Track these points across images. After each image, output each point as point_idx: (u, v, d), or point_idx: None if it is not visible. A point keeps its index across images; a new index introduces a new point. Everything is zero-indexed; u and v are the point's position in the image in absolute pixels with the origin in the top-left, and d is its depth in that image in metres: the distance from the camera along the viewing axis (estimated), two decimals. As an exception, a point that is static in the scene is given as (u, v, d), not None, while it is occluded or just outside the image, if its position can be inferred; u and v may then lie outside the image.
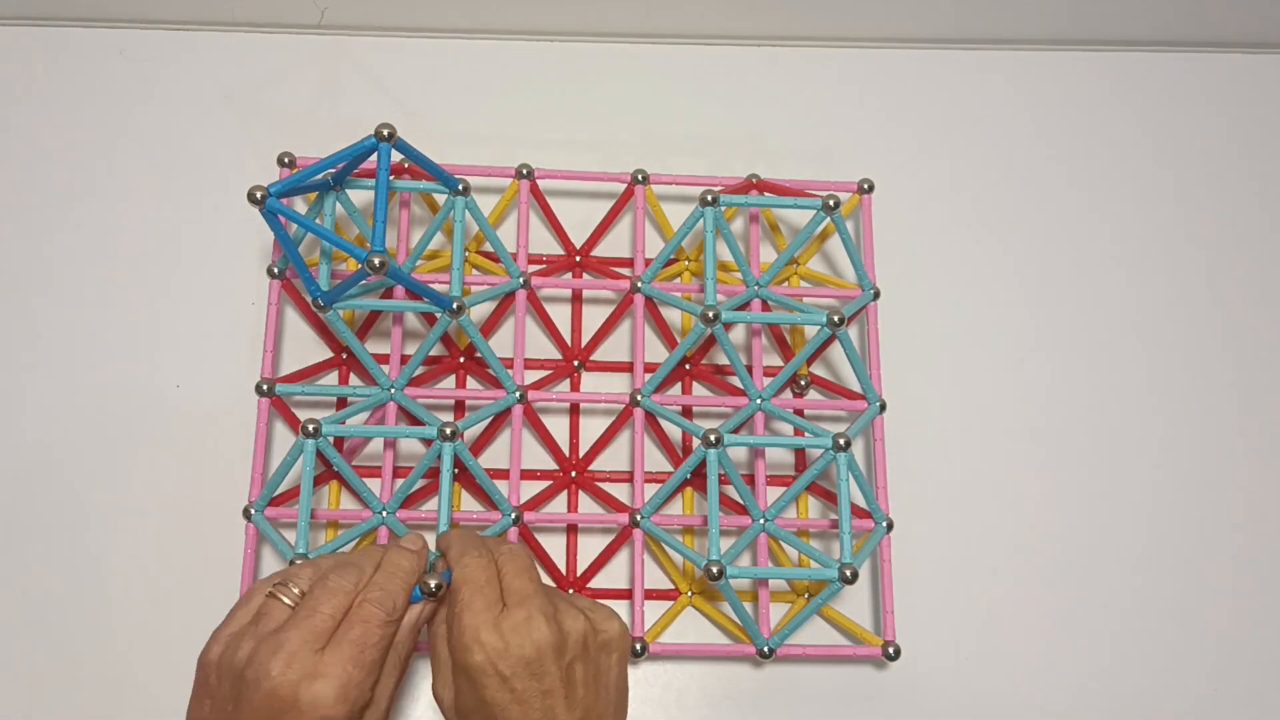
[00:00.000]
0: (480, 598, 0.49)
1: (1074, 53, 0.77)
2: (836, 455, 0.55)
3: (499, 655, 0.47)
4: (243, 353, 0.65)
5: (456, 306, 0.56)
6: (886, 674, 0.62)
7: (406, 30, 0.74)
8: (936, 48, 0.76)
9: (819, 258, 0.70)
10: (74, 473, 0.63)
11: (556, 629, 0.48)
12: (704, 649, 0.61)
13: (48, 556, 0.61)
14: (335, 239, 0.52)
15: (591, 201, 0.69)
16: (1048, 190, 0.73)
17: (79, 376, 0.65)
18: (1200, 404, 0.69)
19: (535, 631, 0.48)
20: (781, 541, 0.59)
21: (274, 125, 0.71)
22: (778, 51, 0.76)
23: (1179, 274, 0.72)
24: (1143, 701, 0.63)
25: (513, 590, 0.49)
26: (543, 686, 0.47)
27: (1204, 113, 0.76)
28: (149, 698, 0.59)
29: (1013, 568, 0.65)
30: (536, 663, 0.48)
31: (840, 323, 0.57)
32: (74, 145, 0.70)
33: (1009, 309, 0.70)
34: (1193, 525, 0.67)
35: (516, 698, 0.47)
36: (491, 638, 0.48)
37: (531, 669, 0.47)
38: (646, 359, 0.65)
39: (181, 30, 0.73)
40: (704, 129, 0.73)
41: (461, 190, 0.60)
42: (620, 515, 0.61)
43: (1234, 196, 0.74)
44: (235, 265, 0.67)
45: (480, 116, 0.72)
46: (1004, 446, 0.67)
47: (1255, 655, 0.64)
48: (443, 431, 0.55)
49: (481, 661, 0.47)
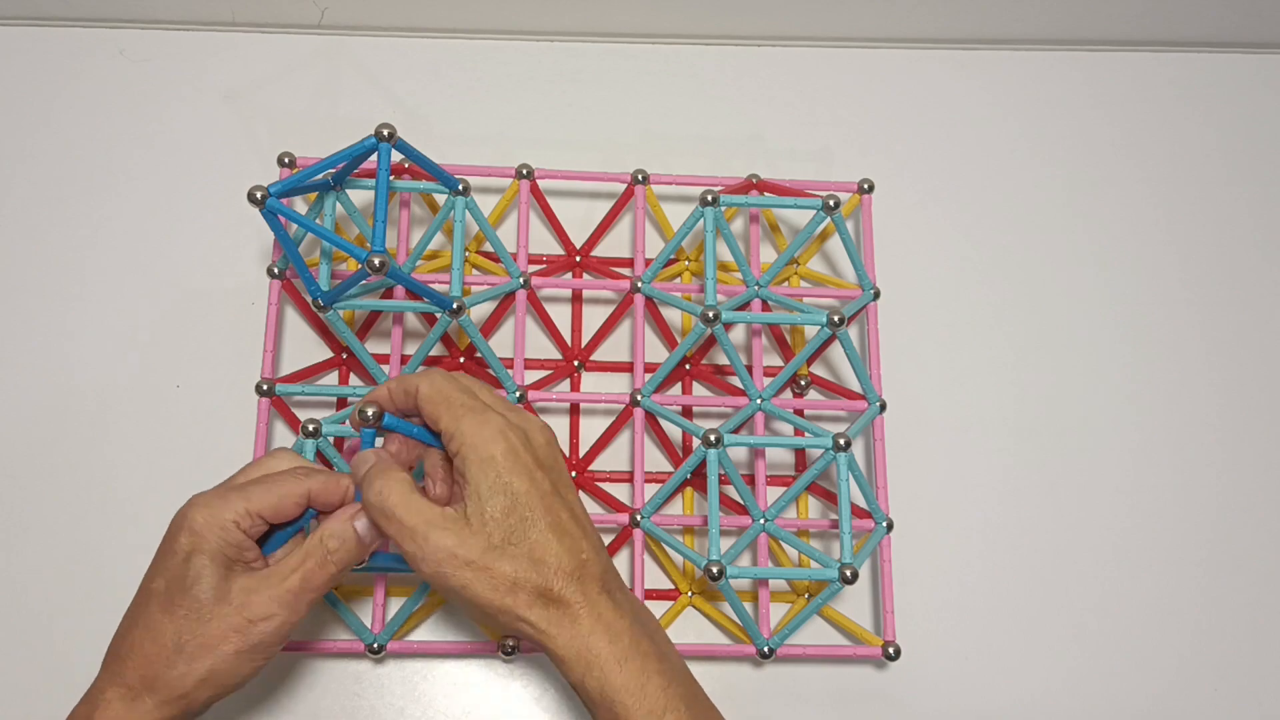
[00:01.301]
0: (468, 406, 0.47)
1: (1074, 53, 0.77)
2: (836, 455, 0.55)
3: (521, 444, 0.47)
4: (243, 353, 0.65)
5: (456, 306, 0.56)
6: (886, 674, 0.62)
7: (406, 30, 0.74)
8: (936, 48, 0.76)
9: (819, 258, 0.70)
10: (74, 473, 0.63)
11: (542, 423, 0.50)
12: (704, 649, 0.61)
13: (47, 556, 0.61)
14: (335, 239, 0.52)
15: (591, 201, 0.69)
16: (1048, 190, 0.73)
17: (79, 376, 0.65)
18: (1203, 404, 0.69)
19: (536, 422, 0.49)
20: (781, 541, 0.59)
21: (274, 125, 0.71)
22: (778, 51, 0.76)
23: (1179, 274, 0.72)
24: (1142, 702, 0.63)
25: (489, 402, 0.49)
26: (557, 475, 0.48)
27: (1207, 113, 0.76)
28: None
29: (1013, 568, 0.65)
30: (552, 451, 0.49)
31: (840, 323, 0.57)
32: (74, 145, 0.70)
33: (1009, 309, 0.70)
34: (1193, 525, 0.67)
35: (546, 488, 0.47)
36: (501, 426, 0.47)
37: (551, 457, 0.48)
38: (646, 359, 0.65)
39: (181, 30, 0.73)
40: (704, 129, 0.73)
41: (461, 190, 0.60)
42: (620, 515, 0.61)
43: (1235, 196, 0.74)
44: (235, 265, 0.67)
45: (480, 116, 0.72)
46: (1004, 446, 0.67)
47: (1255, 655, 0.64)
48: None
49: (505, 449, 0.46)
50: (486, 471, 0.46)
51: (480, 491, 0.46)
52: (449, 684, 0.60)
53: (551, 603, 0.46)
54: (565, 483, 0.49)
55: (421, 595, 0.57)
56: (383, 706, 0.59)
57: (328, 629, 0.60)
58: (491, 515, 0.46)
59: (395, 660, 0.60)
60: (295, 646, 0.58)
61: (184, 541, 0.47)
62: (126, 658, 0.47)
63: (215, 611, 0.47)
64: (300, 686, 0.60)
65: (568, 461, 0.64)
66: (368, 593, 0.60)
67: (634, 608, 0.48)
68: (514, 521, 0.46)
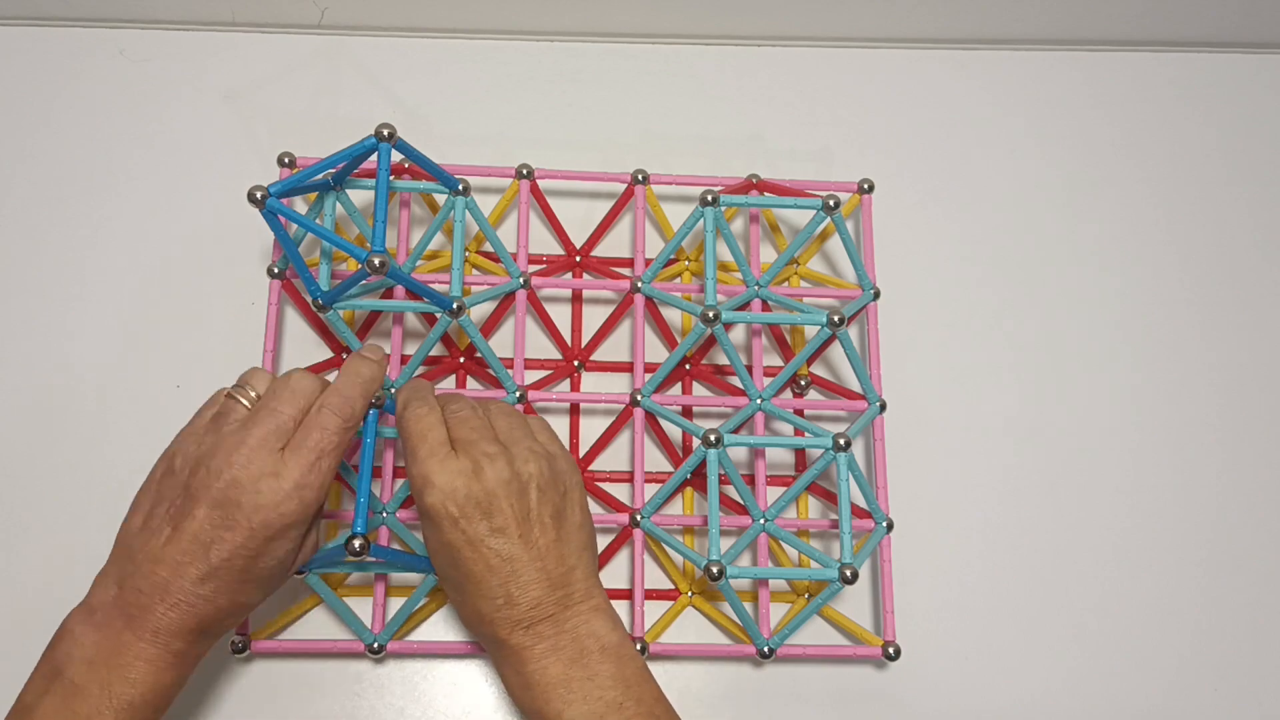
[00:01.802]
0: (424, 445, 0.50)
1: (1074, 53, 0.77)
2: (836, 455, 0.55)
3: (448, 496, 0.49)
4: (243, 353, 0.65)
5: (456, 306, 0.56)
6: (886, 674, 0.62)
7: (406, 30, 0.74)
8: (936, 48, 0.76)
9: (819, 258, 0.70)
10: (74, 473, 0.63)
11: (506, 467, 0.50)
12: (704, 649, 0.61)
13: (46, 557, 0.61)
14: (335, 239, 0.52)
15: (591, 201, 0.69)
16: (1048, 190, 0.73)
17: (79, 376, 0.65)
18: (1203, 404, 0.69)
19: (485, 471, 0.49)
20: (781, 541, 0.59)
21: (274, 125, 0.71)
22: (778, 51, 0.76)
23: (1180, 274, 0.72)
24: (1142, 702, 0.63)
25: (459, 438, 0.51)
26: (494, 525, 0.49)
27: (1207, 113, 0.76)
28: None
29: (1013, 568, 0.65)
30: (486, 502, 0.49)
31: (840, 323, 0.57)
32: (74, 145, 0.70)
33: (1009, 309, 0.70)
34: (1193, 525, 0.67)
35: (468, 539, 0.49)
36: (442, 478, 0.49)
37: (482, 508, 0.49)
38: (646, 359, 0.65)
39: (181, 30, 0.73)
40: (704, 129, 0.73)
41: (461, 190, 0.60)
42: (620, 515, 0.61)
43: (1235, 197, 0.74)
44: (235, 265, 0.67)
45: (480, 116, 0.72)
46: (1004, 446, 0.67)
47: (1255, 655, 0.64)
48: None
49: (434, 503, 0.49)
50: (425, 526, 0.51)
51: (427, 546, 0.52)
52: (449, 684, 0.60)
53: (497, 643, 0.50)
54: (512, 516, 0.50)
55: (421, 595, 0.57)
56: (383, 706, 0.60)
57: (328, 629, 0.60)
58: (440, 570, 0.52)
59: (395, 660, 0.60)
60: (296, 647, 0.58)
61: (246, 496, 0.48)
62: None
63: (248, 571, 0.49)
64: (300, 686, 0.60)
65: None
66: (368, 593, 0.60)
67: (568, 640, 0.50)
68: (453, 574, 0.50)
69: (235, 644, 0.57)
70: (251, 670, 0.59)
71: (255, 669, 0.60)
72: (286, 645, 0.58)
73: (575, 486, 0.53)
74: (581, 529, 0.52)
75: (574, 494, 0.53)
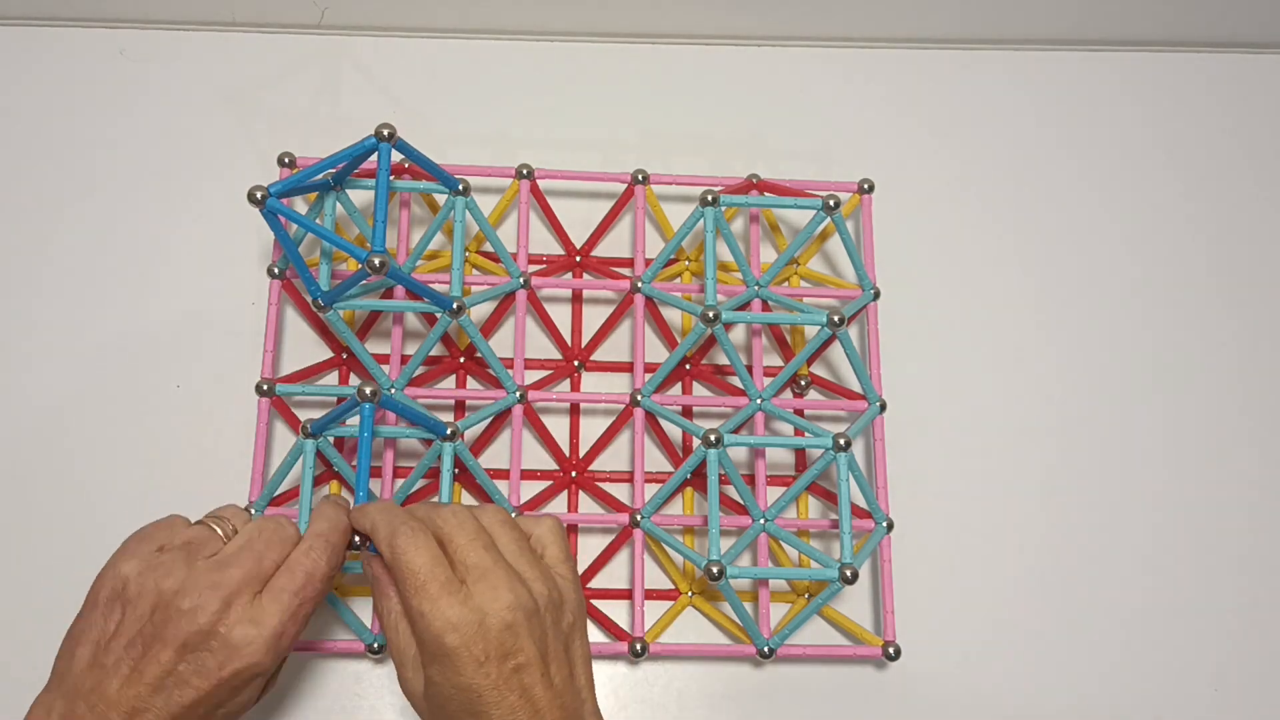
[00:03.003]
0: (434, 581, 0.45)
1: (1074, 52, 0.77)
2: (836, 455, 0.55)
3: (474, 635, 0.44)
4: (243, 353, 0.65)
5: (456, 306, 0.56)
6: (886, 674, 0.62)
7: (406, 30, 0.74)
8: (936, 48, 0.76)
9: (819, 258, 0.70)
10: (73, 473, 0.63)
11: (527, 595, 0.45)
12: (704, 649, 0.61)
13: (45, 557, 0.61)
14: (335, 239, 0.52)
15: (591, 201, 0.69)
16: (1048, 190, 0.73)
17: (78, 376, 0.65)
18: (1202, 404, 0.69)
19: (505, 602, 0.45)
20: (781, 541, 0.59)
21: (274, 125, 0.71)
22: (778, 51, 0.76)
23: (1180, 273, 0.72)
24: (1142, 702, 0.63)
25: (470, 565, 0.46)
26: (516, 662, 0.44)
27: (1204, 113, 0.76)
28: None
29: (1013, 567, 0.65)
30: (510, 638, 0.44)
31: (840, 323, 0.57)
32: (74, 145, 0.70)
33: (1009, 309, 0.70)
34: (1194, 526, 0.67)
35: (493, 681, 0.44)
36: (462, 615, 0.44)
37: (505, 646, 0.44)
38: (646, 359, 0.65)
39: (181, 30, 0.73)
40: (704, 129, 0.73)
41: (461, 190, 0.60)
42: (620, 515, 0.61)
43: (1235, 197, 0.74)
44: (235, 265, 0.67)
45: (480, 116, 0.72)
46: (1004, 446, 0.67)
47: (1255, 656, 0.64)
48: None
49: (457, 644, 0.44)
50: (435, 670, 0.45)
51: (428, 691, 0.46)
52: (449, 684, 0.60)
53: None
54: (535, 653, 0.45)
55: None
56: (383, 706, 0.59)
57: (328, 629, 0.60)
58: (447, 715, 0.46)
59: (395, 660, 0.60)
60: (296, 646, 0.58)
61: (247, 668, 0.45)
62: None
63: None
64: (300, 686, 0.60)
65: (565, 464, 0.64)
66: (368, 592, 0.60)
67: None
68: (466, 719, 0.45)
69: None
70: (251, 670, 0.59)
71: (255, 669, 0.60)
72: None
73: (581, 611, 0.49)
74: (588, 661, 0.49)
75: (580, 621, 0.49)
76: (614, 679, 0.61)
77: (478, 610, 0.44)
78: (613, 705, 0.61)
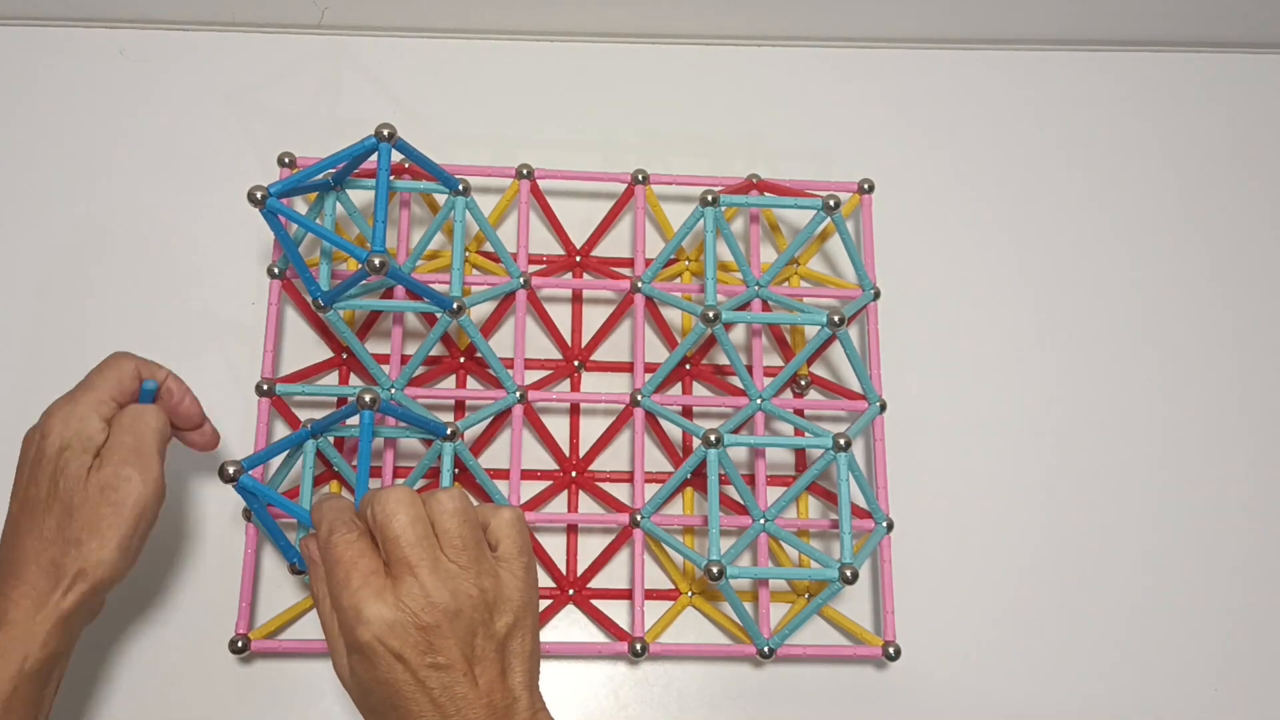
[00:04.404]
0: (355, 574, 0.45)
1: (1074, 52, 0.77)
2: (836, 455, 0.55)
3: (388, 633, 0.43)
4: (243, 353, 0.65)
5: (456, 306, 0.56)
6: (886, 674, 0.62)
7: (406, 30, 0.74)
8: (936, 48, 0.76)
9: (819, 258, 0.70)
10: (74, 473, 0.63)
11: (449, 595, 0.44)
12: (704, 649, 0.61)
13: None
14: (335, 239, 0.52)
15: (591, 201, 0.69)
16: (1047, 190, 0.73)
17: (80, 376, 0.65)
18: (1202, 404, 0.69)
19: (424, 601, 0.44)
20: (781, 541, 0.59)
21: (274, 125, 0.71)
22: (778, 51, 0.76)
23: (1180, 273, 0.72)
24: (1142, 702, 0.63)
25: (396, 561, 0.45)
26: (434, 661, 0.44)
27: (1204, 113, 0.76)
28: (145, 698, 0.59)
29: (1013, 567, 0.65)
30: (428, 637, 0.44)
31: (840, 323, 0.57)
32: (74, 145, 0.70)
33: (1009, 309, 0.70)
34: (1193, 526, 0.67)
35: (408, 678, 0.44)
36: (377, 611, 0.44)
37: (421, 645, 0.44)
38: (646, 359, 0.65)
39: (181, 30, 0.73)
40: (704, 129, 0.73)
41: (461, 190, 0.60)
42: (620, 515, 0.61)
43: (1236, 197, 0.74)
44: (235, 265, 0.67)
45: (480, 116, 0.72)
46: (1004, 446, 0.67)
47: (1255, 656, 0.64)
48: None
49: (370, 639, 0.44)
50: (356, 664, 0.46)
51: (355, 684, 0.47)
52: (449, 684, 0.60)
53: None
54: (459, 651, 0.44)
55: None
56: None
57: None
58: (371, 708, 0.46)
59: (395, 660, 0.60)
60: (296, 647, 0.58)
61: (52, 441, 0.51)
62: (21, 565, 0.50)
63: (89, 495, 0.50)
64: (300, 686, 0.60)
65: (565, 464, 0.64)
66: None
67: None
68: (391, 714, 0.45)
69: (235, 644, 0.57)
70: (251, 670, 0.59)
71: (255, 669, 0.60)
72: (286, 645, 0.58)
73: (527, 609, 0.47)
74: (531, 657, 0.47)
75: (525, 618, 0.47)
76: (614, 679, 0.61)
77: (395, 608, 0.44)
78: (613, 705, 0.61)
